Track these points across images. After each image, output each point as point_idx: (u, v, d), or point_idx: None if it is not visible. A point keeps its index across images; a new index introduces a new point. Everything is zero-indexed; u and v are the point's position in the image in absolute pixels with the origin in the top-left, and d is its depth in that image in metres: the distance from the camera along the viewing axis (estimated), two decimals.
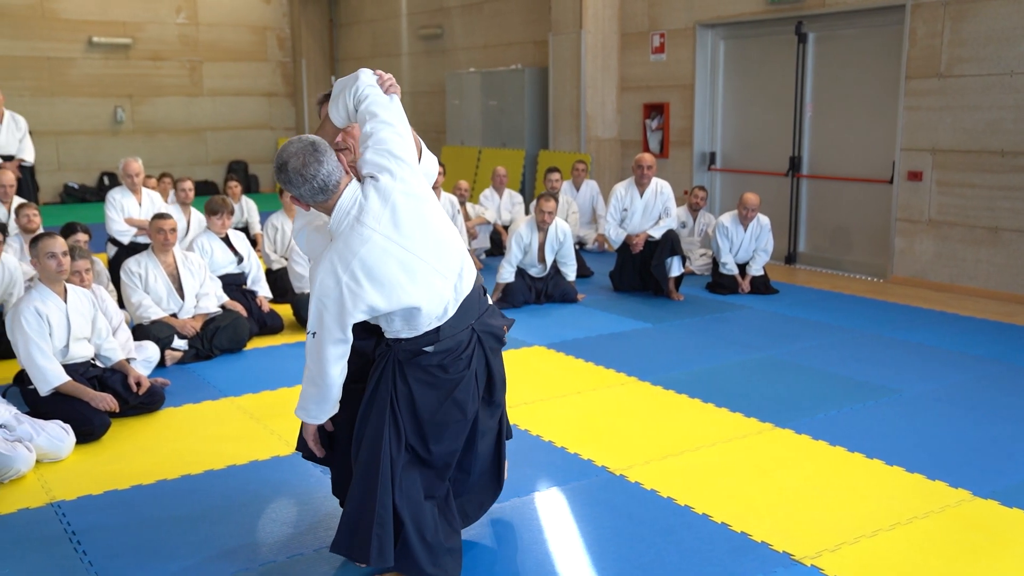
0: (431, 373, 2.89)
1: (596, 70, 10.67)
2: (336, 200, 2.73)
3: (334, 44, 16.87)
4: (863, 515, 3.58)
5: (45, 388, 4.47)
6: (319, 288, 2.73)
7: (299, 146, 2.71)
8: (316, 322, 2.77)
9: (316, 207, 2.79)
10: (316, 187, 2.69)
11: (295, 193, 2.74)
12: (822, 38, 8.81)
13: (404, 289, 2.75)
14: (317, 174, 2.68)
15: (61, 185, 14.75)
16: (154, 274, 5.83)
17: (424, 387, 2.90)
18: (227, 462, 4.17)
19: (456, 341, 2.90)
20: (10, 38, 14.00)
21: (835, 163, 8.88)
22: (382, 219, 2.73)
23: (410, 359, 2.88)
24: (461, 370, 2.92)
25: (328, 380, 2.84)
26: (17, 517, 3.67)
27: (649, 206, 7.59)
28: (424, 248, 2.80)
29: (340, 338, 2.77)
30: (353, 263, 2.69)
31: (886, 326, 6.56)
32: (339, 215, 2.74)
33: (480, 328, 2.98)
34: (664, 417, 4.76)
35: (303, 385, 2.93)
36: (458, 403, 2.94)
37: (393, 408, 2.89)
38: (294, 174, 2.68)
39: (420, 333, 2.85)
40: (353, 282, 2.69)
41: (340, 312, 2.72)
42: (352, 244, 2.70)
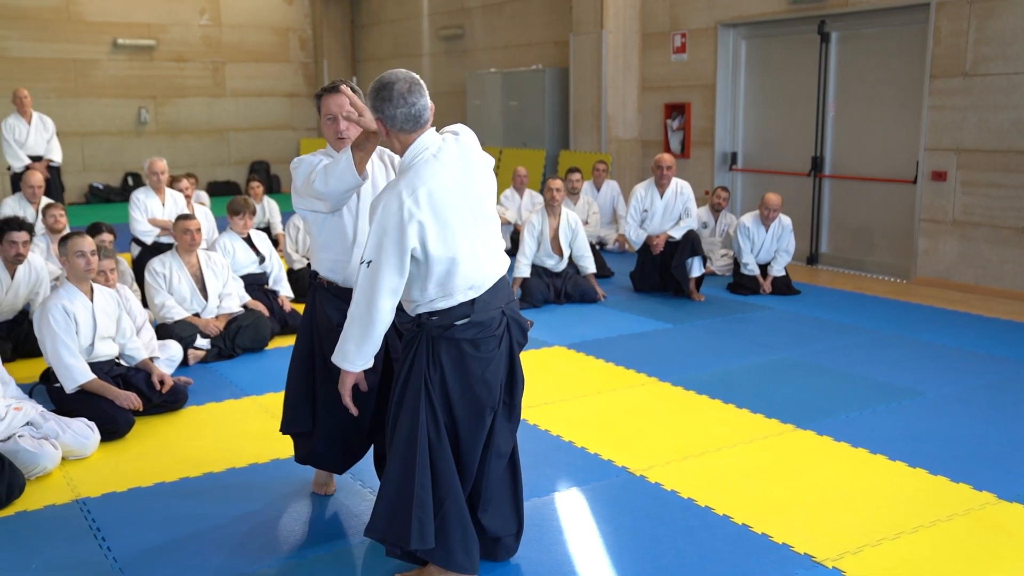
0: (462, 350, 2.83)
1: (617, 70, 10.65)
2: (418, 136, 2.80)
3: (355, 45, 16.95)
4: (885, 517, 3.56)
5: (71, 385, 4.52)
6: (381, 213, 2.72)
7: (405, 74, 2.79)
8: (374, 249, 2.73)
9: (394, 136, 2.81)
10: (412, 114, 2.76)
11: (387, 114, 2.76)
12: (845, 37, 8.76)
13: (455, 235, 2.76)
14: (417, 102, 2.76)
15: (86, 185, 14.91)
16: (178, 275, 5.88)
17: (456, 366, 2.85)
18: (249, 460, 4.21)
19: (489, 316, 2.85)
20: (37, 40, 14.17)
21: (858, 163, 8.82)
22: (457, 164, 2.82)
23: (442, 334, 2.82)
24: (491, 349, 2.87)
25: (376, 314, 2.77)
26: (44, 513, 3.71)
27: (669, 206, 7.57)
28: (479, 210, 2.85)
29: (398, 266, 2.73)
30: (420, 189, 2.71)
31: (909, 327, 6.51)
32: (417, 150, 2.80)
33: (510, 314, 2.94)
34: (685, 418, 4.75)
35: (345, 325, 2.87)
36: (488, 384, 2.88)
37: (428, 389, 2.84)
38: (398, 95, 2.74)
39: (453, 304, 2.81)
40: (415, 206, 2.69)
41: (400, 236, 2.69)
42: (423, 174, 2.74)
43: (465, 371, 2.85)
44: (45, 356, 4.63)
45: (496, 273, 2.91)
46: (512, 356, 2.98)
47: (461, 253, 2.78)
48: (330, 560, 3.29)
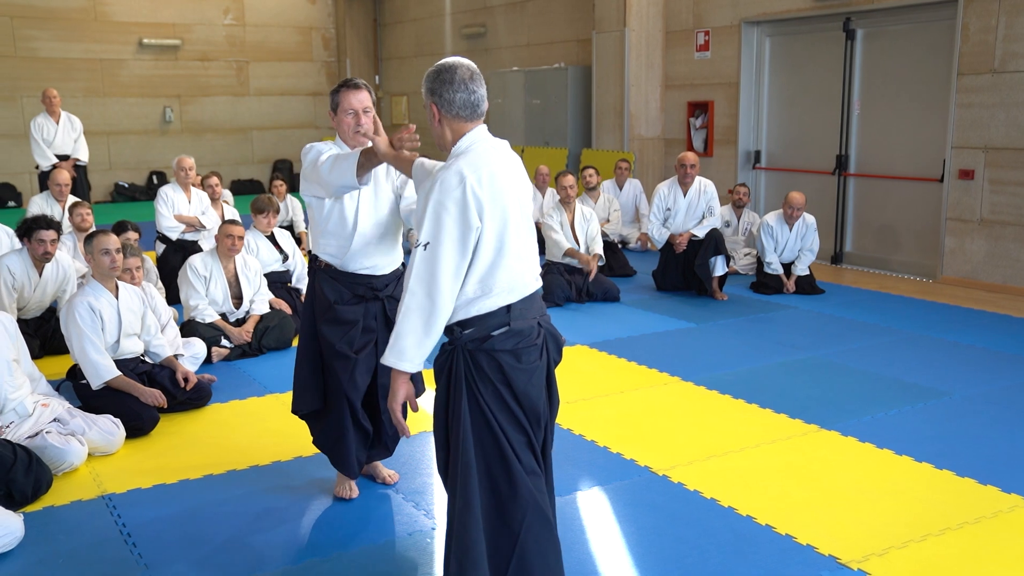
0: (503, 362, 2.56)
1: (640, 68, 10.62)
2: (473, 127, 2.65)
3: (378, 43, 16.99)
4: (912, 519, 3.52)
5: (97, 382, 4.57)
6: (439, 189, 2.50)
7: (467, 61, 2.67)
8: (433, 228, 2.50)
9: (447, 123, 2.64)
10: (471, 101, 2.62)
11: (447, 97, 2.60)
12: (871, 34, 8.67)
13: (507, 226, 2.57)
14: (477, 90, 2.64)
15: (112, 184, 15.05)
16: (216, 278, 5.92)
17: (499, 380, 2.57)
18: (272, 458, 4.23)
19: (527, 325, 2.61)
20: (65, 40, 14.32)
21: (883, 161, 8.74)
22: (510, 162, 2.67)
23: (479, 347, 2.56)
24: (534, 360, 2.62)
25: (439, 299, 2.50)
26: (71, 509, 3.75)
27: (693, 205, 7.54)
28: (526, 213, 2.70)
29: (460, 245, 2.50)
30: (483, 169, 2.54)
31: (935, 327, 6.44)
32: (474, 137, 2.64)
33: (546, 326, 2.71)
34: (708, 417, 4.72)
35: (400, 320, 2.55)
36: (531, 398, 2.61)
37: (478, 408, 2.57)
38: (460, 80, 2.60)
39: (491, 308, 2.56)
40: (478, 184, 2.50)
41: (463, 213, 2.49)
42: (485, 157, 2.58)
43: (509, 385, 2.57)
44: (72, 353, 4.68)
45: (534, 283, 2.70)
46: (549, 374, 2.72)
47: (509, 246, 2.57)
48: (354, 558, 3.30)
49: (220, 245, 5.97)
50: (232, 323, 5.96)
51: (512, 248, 2.59)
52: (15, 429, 4.03)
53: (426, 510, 3.67)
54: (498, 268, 2.57)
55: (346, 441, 3.67)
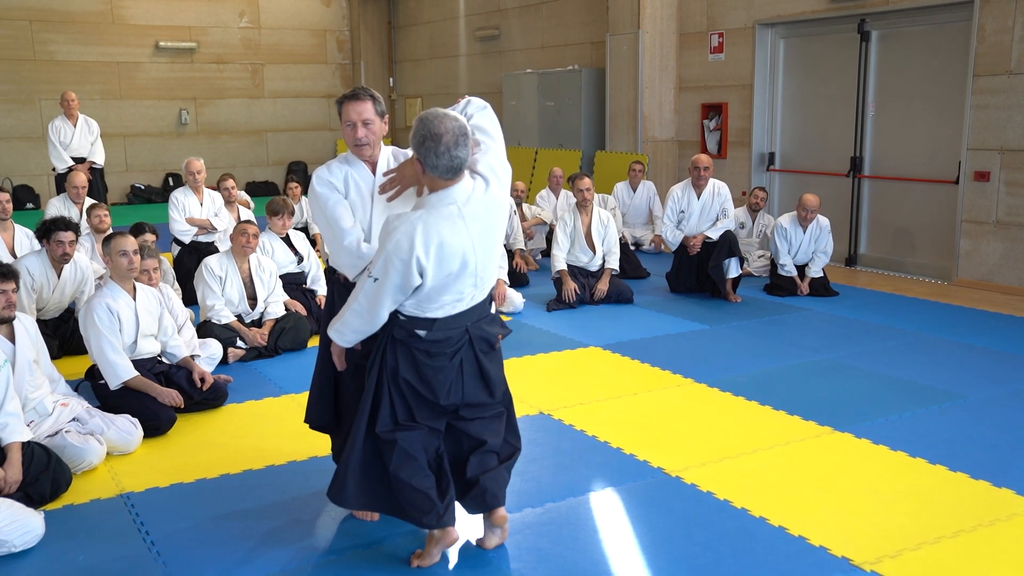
0: (415, 356, 3.07)
1: (654, 70, 10.62)
2: (453, 184, 2.94)
3: (392, 46, 17.05)
4: (925, 521, 3.52)
5: (115, 382, 4.61)
6: (393, 244, 2.88)
7: (455, 125, 2.88)
8: (381, 271, 2.93)
9: (429, 178, 2.94)
10: (454, 167, 2.89)
11: (430, 163, 2.88)
12: (886, 36, 8.65)
13: (449, 282, 2.97)
14: (460, 155, 2.89)
15: (128, 186, 15.16)
16: (232, 278, 5.97)
17: (409, 364, 3.09)
18: (287, 458, 4.26)
19: (446, 335, 3.07)
20: (82, 44, 14.44)
21: (898, 163, 8.71)
22: (478, 219, 2.98)
23: (403, 337, 3.07)
24: (442, 362, 3.09)
25: (376, 319, 3.04)
26: (90, 507, 3.80)
27: (706, 207, 7.54)
28: (482, 256, 3.03)
29: (399, 289, 2.95)
30: (432, 240, 2.88)
31: (950, 330, 6.42)
32: (445, 199, 2.93)
33: (474, 331, 3.14)
34: (721, 419, 4.73)
35: (346, 314, 3.09)
36: (431, 386, 3.09)
37: (383, 374, 3.10)
38: (444, 148, 2.85)
39: (421, 316, 3.03)
40: (424, 255, 2.87)
41: (405, 271, 2.90)
42: (441, 226, 2.90)
43: (416, 372, 3.09)
44: (90, 353, 4.73)
45: (476, 299, 3.10)
46: (480, 362, 3.17)
47: (451, 290, 3.00)
48: (369, 557, 3.33)
49: (235, 244, 6.02)
50: (247, 325, 6.00)
51: (454, 290, 3.01)
52: (35, 428, 4.08)
53: None
54: (433, 302, 3.01)
55: None
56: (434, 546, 3.22)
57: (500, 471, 3.32)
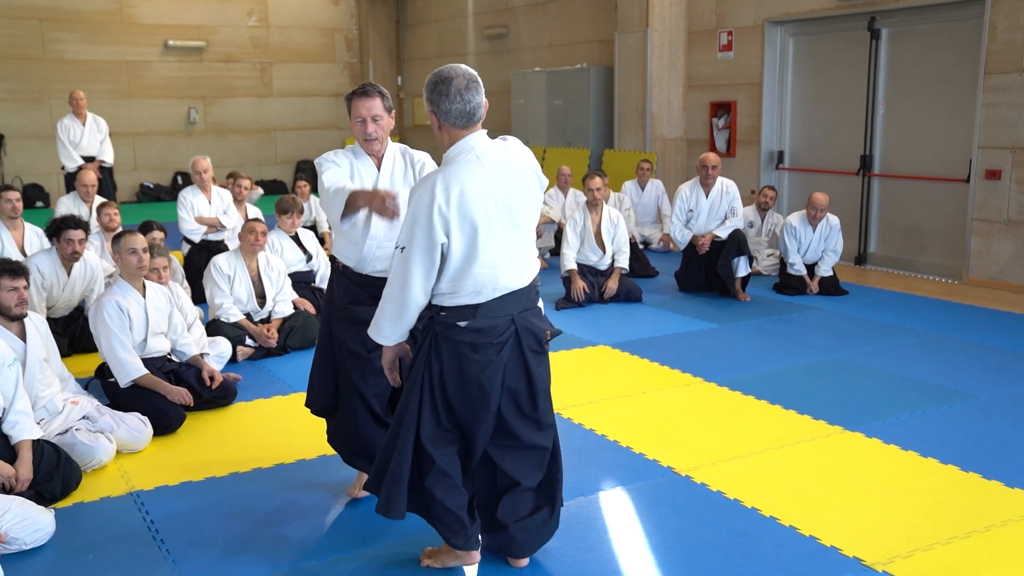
0: (460, 352, 2.91)
1: (662, 69, 10.60)
2: (468, 134, 2.86)
3: (401, 44, 17.06)
4: (937, 521, 3.50)
5: (125, 380, 4.62)
6: (415, 203, 2.81)
7: (464, 70, 2.83)
8: (407, 235, 2.83)
9: (444, 130, 2.87)
10: (466, 111, 2.82)
11: (442, 107, 2.81)
12: (896, 34, 8.62)
13: (477, 238, 2.81)
14: (473, 99, 2.81)
15: (137, 184, 15.20)
16: (240, 277, 5.98)
17: (454, 364, 2.93)
18: (297, 456, 4.26)
19: (491, 324, 2.90)
20: (91, 43, 14.48)
21: (908, 161, 8.67)
22: (498, 169, 2.86)
23: (445, 332, 2.92)
24: (490, 355, 2.92)
25: (409, 295, 2.87)
26: (100, 505, 3.80)
27: (715, 206, 7.52)
28: (512, 219, 2.89)
29: (427, 254, 2.81)
30: (453, 188, 2.77)
31: (961, 329, 6.39)
32: (463, 147, 2.85)
33: (521, 322, 2.96)
34: (730, 418, 4.71)
35: (381, 304, 2.97)
36: (482, 387, 2.93)
37: (428, 376, 2.96)
38: (455, 91, 2.79)
39: (460, 303, 2.88)
40: (445, 204, 2.76)
41: (430, 228, 2.78)
42: (461, 173, 2.80)
43: (462, 371, 2.93)
44: (100, 351, 4.74)
45: (514, 284, 2.93)
46: (527, 364, 2.99)
47: (480, 258, 2.84)
48: (377, 555, 3.33)
49: (243, 242, 6.02)
50: (256, 323, 6.01)
51: (484, 256, 2.84)
52: (45, 426, 4.09)
53: None
54: (467, 274, 2.85)
55: (358, 440, 3.71)
56: (452, 559, 3.17)
57: (535, 521, 3.12)
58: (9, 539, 3.30)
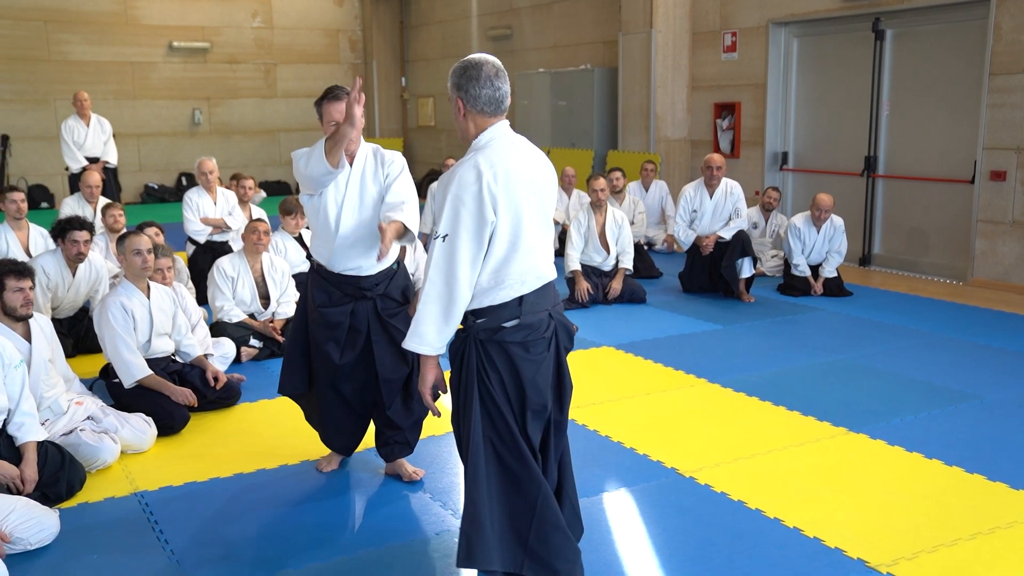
0: (512, 354, 2.70)
1: (666, 70, 10.59)
2: (495, 122, 2.76)
3: (404, 45, 17.07)
4: (942, 523, 3.50)
5: (129, 381, 4.63)
6: (457, 184, 2.64)
7: (493, 59, 2.77)
8: (451, 220, 2.63)
9: (471, 117, 2.75)
10: (496, 97, 2.73)
11: (472, 93, 2.71)
12: (900, 35, 8.60)
13: (521, 220, 2.68)
14: (502, 86, 2.74)
15: (142, 185, 15.22)
16: (244, 279, 5.98)
17: (508, 369, 2.71)
18: (301, 457, 4.27)
19: (537, 319, 2.73)
20: (96, 44, 14.51)
21: (913, 162, 8.66)
22: (530, 157, 2.79)
23: (491, 338, 2.70)
24: (541, 351, 2.75)
25: (457, 288, 2.63)
26: (104, 505, 3.81)
27: (719, 207, 7.51)
28: (541, 207, 2.79)
29: (477, 237, 2.62)
30: (499, 165, 2.65)
31: (966, 330, 6.38)
32: (494, 132, 2.75)
33: (557, 317, 2.82)
34: (734, 419, 4.71)
35: (419, 307, 2.70)
36: (538, 387, 2.75)
37: (486, 394, 2.71)
38: (485, 77, 2.71)
39: (503, 299, 2.69)
40: (493, 180, 2.62)
41: (479, 207, 2.61)
42: (501, 152, 2.70)
43: (517, 374, 2.71)
44: (105, 352, 4.74)
45: (547, 274, 2.81)
46: (560, 361, 2.85)
47: (523, 240, 2.69)
48: (382, 557, 3.33)
49: (246, 242, 6.03)
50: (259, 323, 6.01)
51: (526, 242, 2.70)
52: (50, 427, 4.09)
53: (453, 510, 3.69)
54: (512, 261, 2.69)
55: (330, 425, 3.97)
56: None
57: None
58: (14, 539, 3.31)
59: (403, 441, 3.94)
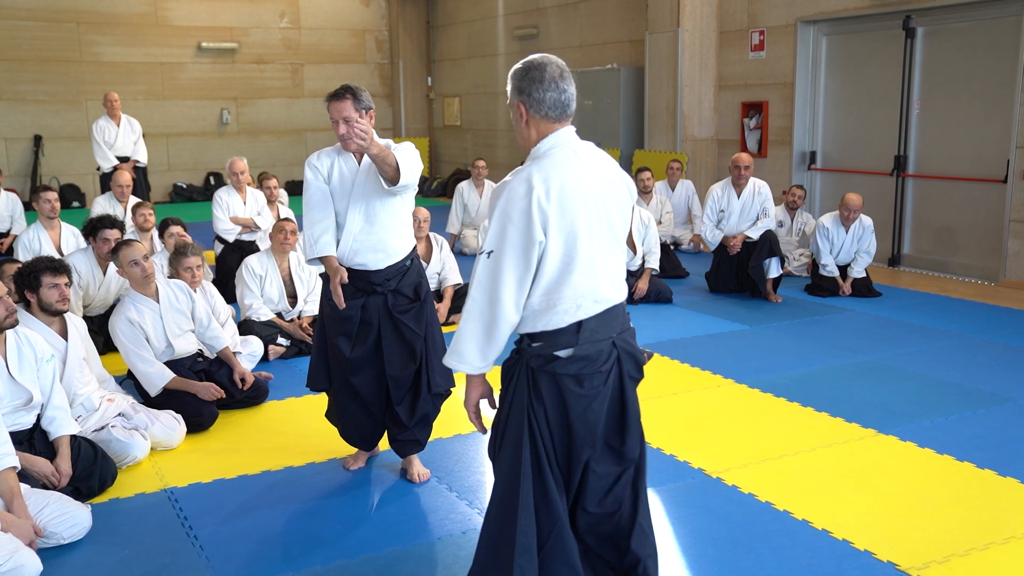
0: (563, 386, 2.52)
1: (693, 69, 10.54)
2: (560, 127, 2.55)
3: (430, 45, 17.11)
4: (974, 527, 3.45)
5: (153, 390, 4.64)
6: (506, 198, 2.45)
7: (556, 59, 2.56)
8: (497, 237, 2.45)
9: (533, 124, 2.54)
10: (561, 101, 2.52)
11: (535, 96, 2.51)
12: (931, 32, 8.51)
13: (577, 238, 2.46)
14: (568, 89, 2.53)
15: (171, 185, 15.37)
16: (271, 277, 6.03)
17: (555, 403, 2.54)
18: (328, 455, 4.29)
19: (596, 349, 2.52)
20: (127, 45, 14.68)
21: (944, 162, 8.56)
22: (596, 168, 2.56)
23: (543, 367, 2.52)
24: (596, 386, 2.54)
25: (500, 309, 2.46)
26: (134, 501, 3.85)
27: (747, 207, 7.47)
28: (608, 223, 2.56)
29: (523, 256, 2.43)
30: (553, 179, 2.44)
31: (997, 331, 6.29)
32: (556, 140, 2.54)
33: (622, 345, 2.59)
34: (762, 420, 4.68)
35: (461, 323, 2.54)
36: (588, 423, 2.55)
37: (531, 423, 2.54)
38: (550, 79, 2.50)
39: (557, 325, 2.49)
40: (545, 196, 2.41)
41: (528, 225, 2.41)
42: (559, 164, 2.49)
43: (565, 409, 2.53)
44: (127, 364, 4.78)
45: (611, 298, 2.56)
46: (624, 393, 2.60)
47: (579, 260, 2.47)
48: (408, 555, 3.34)
49: (273, 242, 6.07)
50: (287, 322, 6.05)
51: (583, 262, 2.48)
52: (82, 423, 4.14)
53: (479, 508, 3.70)
54: (565, 283, 2.48)
55: (346, 419, 4.04)
56: None
57: None
58: (47, 533, 3.36)
59: (411, 439, 3.98)
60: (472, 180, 9.98)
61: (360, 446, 4.13)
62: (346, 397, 3.98)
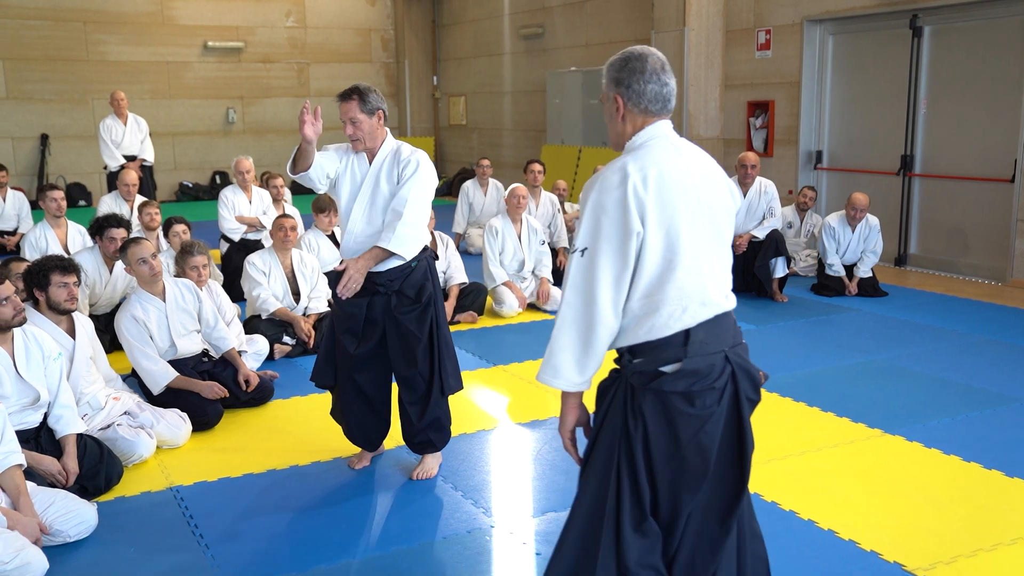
0: (672, 405, 2.23)
1: (699, 68, 10.52)
2: (657, 120, 2.35)
3: (436, 44, 17.11)
4: (981, 527, 3.44)
5: (156, 388, 4.65)
6: (598, 189, 2.23)
7: (656, 51, 2.39)
8: (590, 231, 2.22)
9: (630, 117, 2.36)
10: (663, 94, 2.34)
11: (635, 88, 2.33)
12: (939, 31, 8.48)
13: (678, 232, 2.23)
14: (669, 82, 2.36)
15: (177, 184, 15.40)
16: (275, 274, 6.04)
17: (662, 425, 2.24)
18: (333, 454, 4.29)
19: (707, 363, 2.24)
20: (133, 44, 14.71)
21: (951, 161, 8.53)
22: (697, 162, 2.35)
23: (647, 384, 2.24)
24: (710, 405, 2.24)
25: (597, 312, 2.21)
26: (140, 499, 3.86)
27: (753, 206, 7.45)
28: (712, 221, 2.33)
29: (620, 251, 2.20)
30: (651, 168, 2.22)
31: (1005, 331, 6.27)
32: (652, 132, 2.34)
33: (736, 360, 2.31)
34: (767, 420, 4.66)
35: (554, 334, 2.28)
36: (702, 449, 2.26)
37: (626, 448, 2.26)
38: (651, 70, 2.32)
39: (661, 335, 2.23)
40: (642, 185, 2.19)
41: (624, 216, 2.18)
42: (657, 154, 2.28)
43: (674, 432, 2.24)
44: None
45: (717, 301, 2.30)
46: (740, 416, 2.32)
47: (682, 256, 2.23)
48: (413, 554, 3.34)
49: (274, 239, 6.08)
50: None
51: (686, 259, 2.24)
52: (88, 421, 4.15)
53: (485, 508, 3.70)
54: (667, 281, 2.23)
55: (350, 418, 4.05)
56: None
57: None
58: (53, 531, 3.37)
59: (425, 440, 3.98)
60: (477, 179, 9.98)
61: (364, 446, 4.14)
62: (351, 394, 3.99)
